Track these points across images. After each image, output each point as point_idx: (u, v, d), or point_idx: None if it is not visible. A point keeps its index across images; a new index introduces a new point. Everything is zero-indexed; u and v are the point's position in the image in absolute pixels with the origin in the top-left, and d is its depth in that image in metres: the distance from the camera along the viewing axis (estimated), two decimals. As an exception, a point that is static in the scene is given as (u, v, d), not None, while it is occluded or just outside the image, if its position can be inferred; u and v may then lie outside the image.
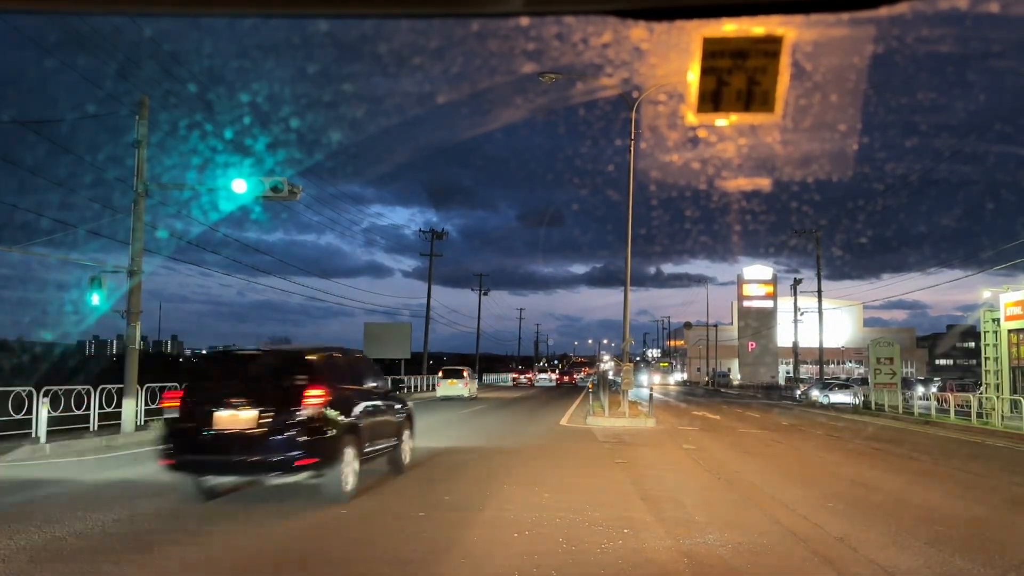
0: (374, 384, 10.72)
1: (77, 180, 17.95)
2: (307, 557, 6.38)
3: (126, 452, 14.13)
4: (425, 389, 43.13)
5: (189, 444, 8.46)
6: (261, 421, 8.33)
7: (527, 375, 72.05)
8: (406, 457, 11.42)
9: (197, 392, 8.87)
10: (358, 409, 9.50)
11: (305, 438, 8.32)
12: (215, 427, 8.38)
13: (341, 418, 8.88)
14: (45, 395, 14.40)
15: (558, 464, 12.75)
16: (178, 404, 8.75)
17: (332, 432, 8.63)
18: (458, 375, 36.27)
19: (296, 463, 8.25)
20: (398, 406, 11.52)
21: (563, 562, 6.07)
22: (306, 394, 8.48)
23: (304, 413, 8.40)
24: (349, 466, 8.85)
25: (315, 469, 8.40)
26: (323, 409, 8.55)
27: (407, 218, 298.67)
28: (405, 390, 33.49)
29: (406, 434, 11.44)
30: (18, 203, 16.63)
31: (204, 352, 7.91)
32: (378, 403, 10.47)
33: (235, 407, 8.39)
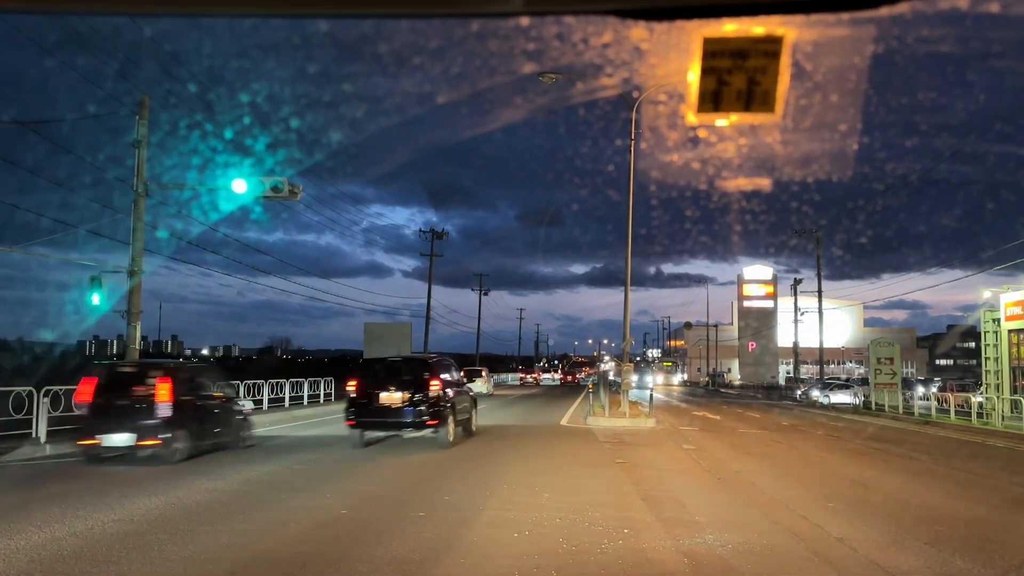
0: (458, 377, 16.57)
1: (77, 180, 17.95)
2: (307, 559, 6.38)
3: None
4: None
5: (363, 412, 14.03)
6: (404, 398, 13.97)
7: (533, 375, 78.54)
8: (474, 426, 17.03)
9: (366, 381, 14.38)
10: (452, 392, 14.84)
11: (429, 409, 13.89)
12: (379, 402, 13.97)
13: (447, 397, 14.38)
14: (46, 395, 14.37)
15: (558, 464, 12.75)
16: (356, 388, 14.30)
17: (443, 406, 14.12)
18: (478, 374, 41.91)
19: (426, 424, 13.87)
20: (470, 392, 17.34)
21: (563, 562, 6.07)
22: (430, 383, 14.12)
23: (429, 394, 14.00)
24: (451, 426, 14.38)
25: (434, 428, 13.98)
26: (439, 392, 14.14)
27: (407, 218, 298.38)
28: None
29: (473, 411, 17.10)
30: (18, 203, 16.62)
31: (366, 359, 18.63)
32: (461, 389, 16.14)
33: (390, 390, 14.04)
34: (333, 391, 28.87)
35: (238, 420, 14.46)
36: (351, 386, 14.56)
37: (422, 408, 13.89)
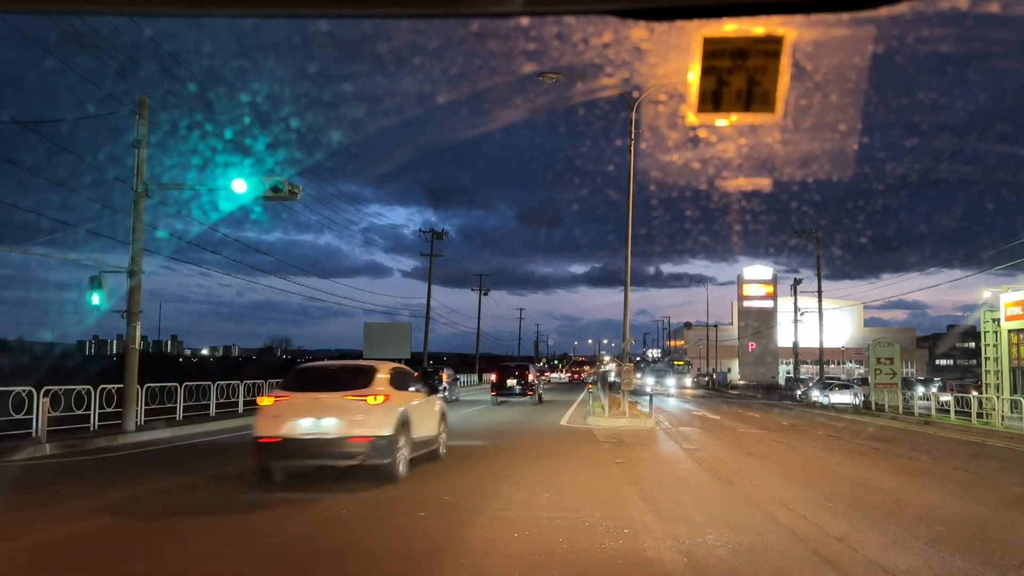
0: (536, 372, 36.29)
1: (77, 180, 17.94)
2: (304, 560, 6.38)
3: (129, 452, 14.13)
4: None
5: (499, 389, 32.80)
6: (517, 381, 32.92)
7: (546, 374, 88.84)
8: (543, 399, 34.54)
9: (501, 374, 33.48)
10: (535, 380, 33.90)
11: (527, 387, 32.84)
12: (506, 384, 32.86)
13: (533, 382, 33.30)
14: (45, 395, 14.37)
15: (558, 464, 12.75)
16: (496, 376, 33.57)
17: (532, 386, 33.07)
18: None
19: (526, 394, 32.65)
20: (542, 378, 42.58)
21: (563, 562, 6.07)
22: (527, 374, 33.37)
23: (527, 379, 33.05)
24: (536, 396, 33.00)
25: (530, 396, 32.66)
26: (532, 378, 33.52)
27: (406, 218, 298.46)
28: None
29: (542, 389, 36.16)
30: (18, 203, 16.61)
31: (502, 362, 37.70)
32: (539, 378, 36.77)
33: (511, 377, 33.06)
34: None
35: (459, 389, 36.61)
36: (494, 376, 33.07)
37: (523, 386, 31.98)
